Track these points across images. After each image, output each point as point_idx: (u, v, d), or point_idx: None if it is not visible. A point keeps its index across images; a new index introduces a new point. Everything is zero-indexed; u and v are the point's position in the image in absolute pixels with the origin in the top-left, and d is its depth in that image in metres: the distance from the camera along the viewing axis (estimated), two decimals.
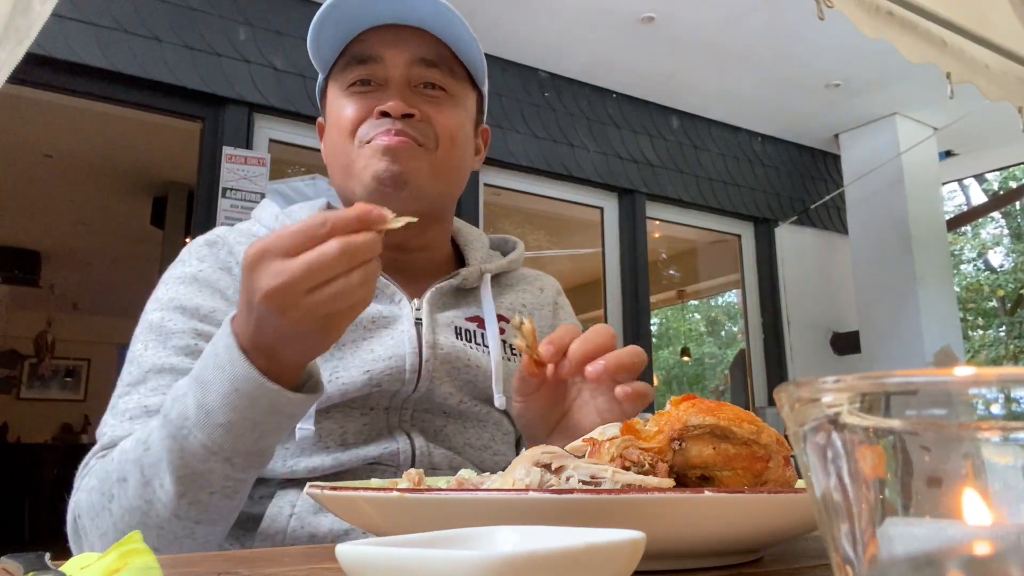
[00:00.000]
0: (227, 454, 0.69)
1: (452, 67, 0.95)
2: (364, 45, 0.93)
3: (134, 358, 0.87)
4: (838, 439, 0.23)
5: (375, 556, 0.32)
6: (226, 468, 0.70)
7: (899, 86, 4.39)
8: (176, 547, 0.73)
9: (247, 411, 0.67)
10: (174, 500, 0.70)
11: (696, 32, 3.85)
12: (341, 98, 0.94)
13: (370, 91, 0.92)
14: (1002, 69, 2.69)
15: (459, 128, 0.94)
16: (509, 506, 0.42)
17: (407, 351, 0.89)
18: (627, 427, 0.53)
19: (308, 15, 0.99)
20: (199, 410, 0.68)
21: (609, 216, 4.41)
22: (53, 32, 2.82)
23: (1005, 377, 0.20)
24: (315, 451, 0.86)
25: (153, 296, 0.93)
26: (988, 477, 0.21)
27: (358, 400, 0.87)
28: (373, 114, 0.89)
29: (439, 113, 0.92)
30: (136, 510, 0.72)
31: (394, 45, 0.92)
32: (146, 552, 0.37)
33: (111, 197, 5.64)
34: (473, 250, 1.06)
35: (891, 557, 0.22)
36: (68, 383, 8.96)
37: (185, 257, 0.97)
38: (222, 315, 0.87)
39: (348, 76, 0.93)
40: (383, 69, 0.92)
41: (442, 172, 0.92)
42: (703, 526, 0.43)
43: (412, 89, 0.92)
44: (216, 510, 0.72)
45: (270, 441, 0.71)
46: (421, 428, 0.91)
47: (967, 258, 12.79)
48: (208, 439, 0.68)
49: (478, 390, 0.95)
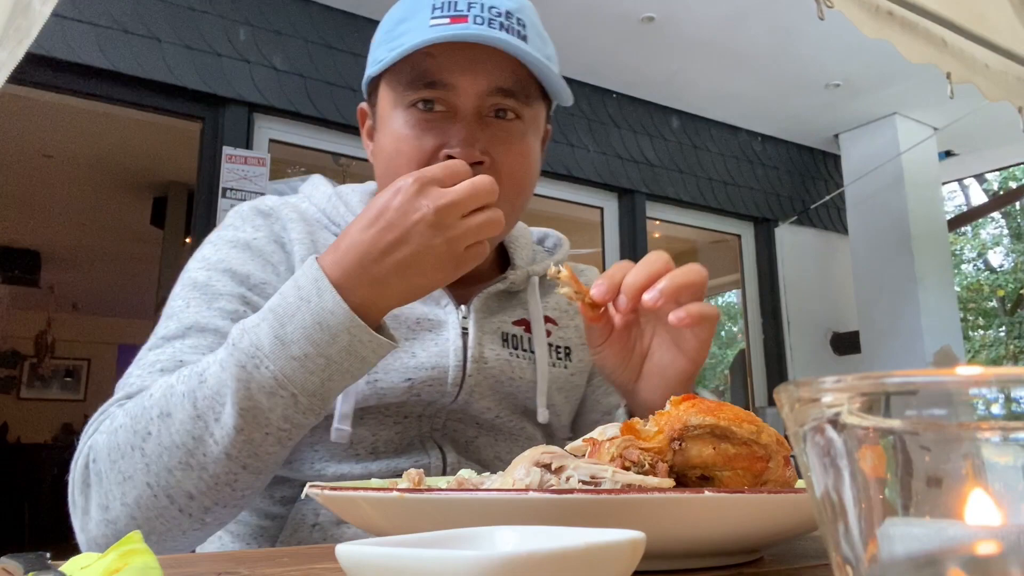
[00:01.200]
0: (295, 389, 0.68)
1: (528, 90, 0.87)
2: (435, 64, 0.83)
3: (173, 313, 0.82)
4: (838, 439, 0.23)
5: (375, 556, 0.32)
6: (288, 407, 0.68)
7: (899, 86, 4.39)
8: (211, 498, 0.70)
9: (325, 346, 0.67)
10: (231, 435, 0.68)
11: (696, 32, 3.85)
12: (401, 120, 0.85)
13: (435, 118, 0.84)
14: (1002, 69, 2.69)
15: (528, 168, 0.89)
16: (509, 506, 0.42)
17: (451, 363, 0.86)
18: (627, 427, 0.53)
19: (308, 15, 0.97)
20: (275, 341, 0.67)
21: (609, 216, 4.41)
22: (53, 32, 2.82)
23: (1005, 377, 0.20)
24: (344, 458, 0.84)
25: (198, 255, 0.88)
26: (988, 477, 0.21)
27: (393, 407, 0.85)
28: (439, 156, 0.82)
29: (508, 154, 0.85)
30: (179, 448, 0.69)
31: (469, 71, 0.83)
32: (146, 552, 0.37)
33: (111, 197, 5.64)
34: (519, 248, 1.02)
35: (891, 557, 0.22)
36: (68, 383, 8.96)
37: (236, 222, 0.91)
38: (272, 289, 0.83)
39: (412, 95, 0.84)
40: (453, 96, 0.83)
41: (507, 221, 0.86)
42: (703, 526, 0.43)
43: (483, 121, 0.84)
44: (265, 456, 0.70)
45: (335, 385, 0.70)
46: (452, 439, 0.89)
47: (967, 258, 12.79)
48: (280, 371, 0.67)
49: (519, 404, 0.92)
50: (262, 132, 3.40)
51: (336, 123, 3.51)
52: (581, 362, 1.00)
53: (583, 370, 1.01)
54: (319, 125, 3.51)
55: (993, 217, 12.07)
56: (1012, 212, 12.12)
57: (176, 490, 0.69)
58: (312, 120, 3.48)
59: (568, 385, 0.98)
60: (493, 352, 0.90)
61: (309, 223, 0.91)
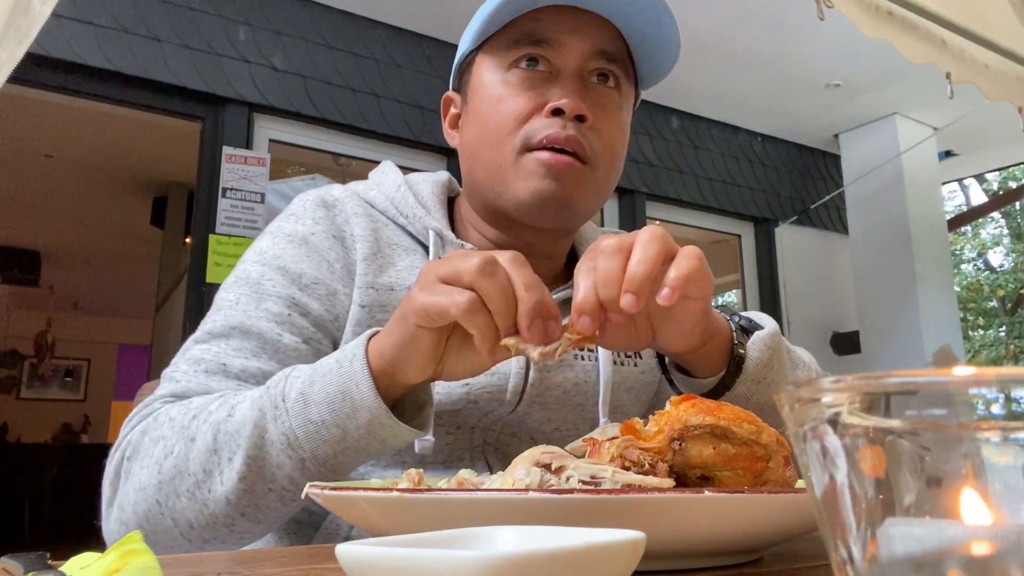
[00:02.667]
0: (304, 454, 0.66)
1: (627, 63, 0.86)
2: (539, 25, 0.82)
3: (222, 307, 0.81)
4: (838, 439, 0.23)
5: (375, 556, 0.32)
6: (295, 470, 0.66)
7: (899, 86, 4.39)
8: (209, 533, 0.69)
9: (344, 419, 0.65)
10: (234, 480, 0.66)
11: (696, 32, 3.85)
12: (500, 79, 0.83)
13: (537, 77, 0.82)
14: (1002, 69, 2.69)
15: (622, 139, 0.87)
16: (509, 506, 0.42)
17: (512, 370, 0.83)
18: (627, 427, 0.53)
19: (308, 15, 0.97)
20: (299, 398, 0.66)
21: (609, 216, 4.41)
22: (53, 32, 2.82)
23: (1005, 377, 0.20)
24: (391, 464, 0.82)
25: (256, 246, 0.86)
26: (988, 477, 0.21)
27: (447, 415, 0.82)
28: (543, 111, 0.80)
29: (607, 120, 0.84)
30: (191, 476, 0.68)
31: (575, 31, 0.82)
32: (146, 552, 0.37)
33: (111, 197, 5.64)
34: None
35: (891, 557, 0.22)
36: (68, 383, 8.96)
37: (299, 212, 0.88)
38: (323, 289, 0.82)
39: (515, 54, 0.82)
40: (559, 56, 0.82)
41: (601, 191, 0.86)
42: (703, 526, 0.43)
43: (586, 83, 0.83)
44: (266, 509, 0.69)
45: (349, 460, 0.67)
46: (504, 453, 0.85)
47: (967, 258, 12.79)
48: (295, 430, 0.65)
49: (579, 414, 0.88)
50: (262, 132, 3.40)
51: (336, 123, 3.51)
52: (653, 358, 0.95)
53: (656, 367, 0.95)
54: (319, 125, 3.51)
55: (993, 217, 12.08)
56: (1012, 212, 12.12)
57: (179, 516, 0.69)
58: (312, 120, 3.48)
59: (639, 384, 0.93)
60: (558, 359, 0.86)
61: (374, 217, 0.88)
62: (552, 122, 0.80)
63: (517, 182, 0.81)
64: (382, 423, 0.65)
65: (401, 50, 3.70)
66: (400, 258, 0.86)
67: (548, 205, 0.81)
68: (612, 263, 0.61)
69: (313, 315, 0.81)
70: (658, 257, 0.61)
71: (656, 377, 0.97)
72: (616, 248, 0.62)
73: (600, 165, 0.83)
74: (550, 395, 0.85)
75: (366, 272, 0.83)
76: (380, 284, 0.83)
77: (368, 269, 0.83)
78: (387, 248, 0.86)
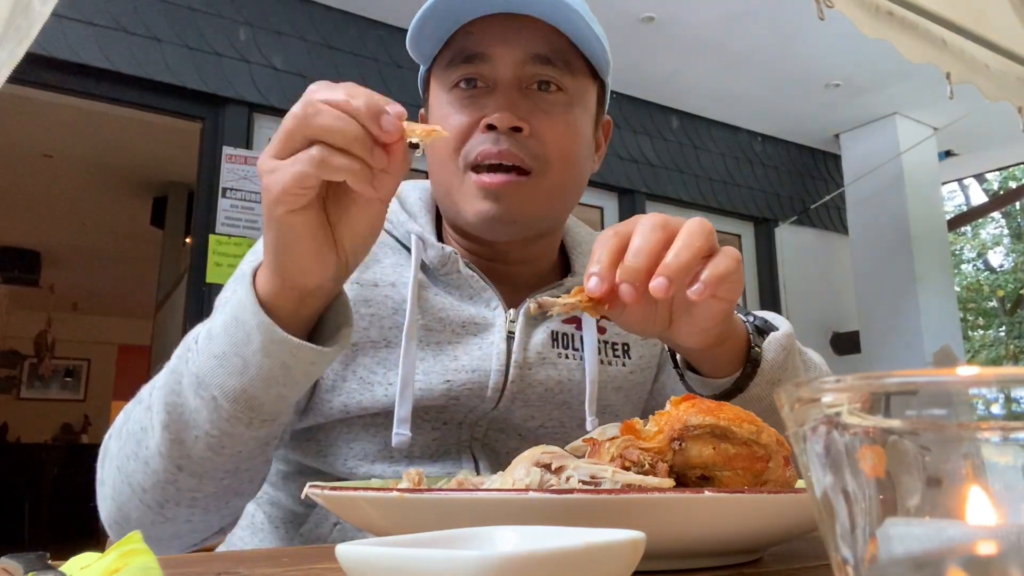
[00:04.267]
0: (214, 391, 0.63)
1: (570, 61, 0.83)
2: (470, 39, 0.81)
3: (219, 305, 0.81)
4: (838, 439, 0.23)
5: (375, 556, 0.32)
6: (212, 411, 0.64)
7: (899, 86, 4.39)
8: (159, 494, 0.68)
9: (240, 346, 0.62)
10: (159, 432, 0.66)
11: (696, 32, 3.85)
12: (444, 101, 0.84)
13: (476, 94, 0.82)
14: (1002, 69, 2.69)
15: (573, 140, 0.84)
16: (509, 506, 0.42)
17: (493, 367, 0.83)
18: (627, 427, 0.53)
19: (308, 15, 0.96)
20: (206, 336, 0.65)
21: (609, 216, 4.41)
22: (53, 32, 2.82)
23: (1005, 377, 0.20)
24: (378, 458, 0.82)
25: (257, 247, 0.85)
26: (988, 477, 0.21)
27: (434, 411, 0.82)
28: (479, 127, 0.80)
29: (551, 125, 0.81)
30: (133, 436, 0.68)
31: (503, 40, 0.81)
32: (146, 552, 0.37)
33: (111, 197, 5.64)
34: (581, 255, 0.96)
35: (891, 557, 0.22)
36: (68, 383, 8.96)
37: None
38: None
39: (452, 75, 0.83)
40: (491, 69, 0.81)
41: (553, 196, 0.84)
42: (703, 526, 0.43)
43: (523, 92, 0.82)
44: (200, 460, 0.66)
45: (259, 393, 0.63)
46: (492, 448, 0.86)
47: (967, 258, 12.79)
48: (201, 367, 0.63)
49: (564, 412, 0.87)
50: (262, 132, 3.40)
51: None
52: (643, 359, 0.94)
53: (646, 367, 0.95)
54: None
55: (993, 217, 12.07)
56: (1012, 212, 12.12)
57: (133, 479, 0.69)
58: None
59: (627, 384, 0.93)
60: (539, 357, 0.86)
61: None
62: (486, 138, 0.79)
63: (464, 203, 0.82)
64: (274, 341, 0.60)
65: (401, 50, 3.68)
66: (385, 256, 0.87)
67: (495, 224, 0.81)
68: (652, 237, 0.59)
69: None
70: (701, 251, 0.60)
71: (648, 378, 0.96)
72: (660, 225, 0.60)
73: (549, 171, 0.81)
74: (532, 392, 0.85)
75: None
76: (364, 280, 0.83)
77: None
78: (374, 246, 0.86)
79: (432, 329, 0.83)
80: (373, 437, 0.82)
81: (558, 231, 0.94)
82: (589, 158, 0.89)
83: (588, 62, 0.85)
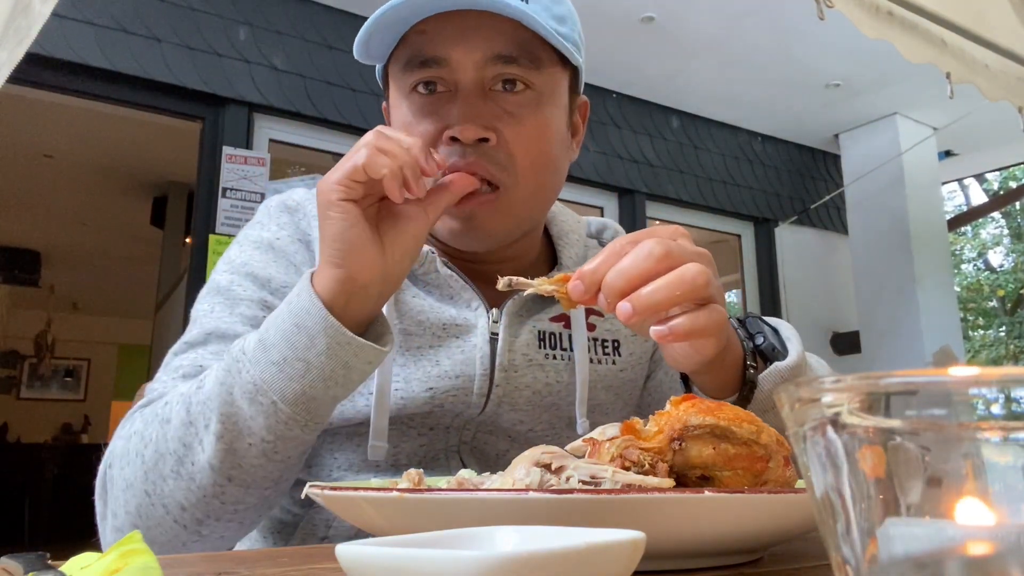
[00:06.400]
0: (274, 396, 0.64)
1: (535, 55, 0.77)
2: (424, 40, 0.76)
3: (198, 318, 0.81)
4: (838, 439, 0.23)
5: (375, 556, 0.32)
6: (270, 416, 0.65)
7: (899, 86, 4.39)
8: (202, 510, 0.68)
9: (303, 350, 0.64)
10: (213, 444, 0.66)
11: (696, 32, 3.85)
12: (405, 106, 0.79)
13: (437, 100, 0.77)
14: (1002, 69, 2.69)
15: (545, 142, 0.80)
16: (509, 506, 0.42)
17: (477, 372, 0.80)
18: (627, 427, 0.53)
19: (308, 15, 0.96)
20: (258, 345, 0.65)
21: (609, 216, 4.41)
22: (53, 32, 2.82)
23: (1005, 377, 0.20)
24: (364, 468, 0.80)
25: (225, 256, 0.86)
26: (988, 477, 0.21)
27: (418, 418, 0.80)
28: (443, 139, 0.75)
29: (520, 130, 0.77)
30: (172, 455, 0.67)
31: (462, 40, 0.75)
32: (146, 552, 0.37)
33: (111, 197, 5.64)
34: (567, 246, 0.92)
35: (891, 557, 0.22)
36: (68, 383, 8.96)
37: (264, 219, 0.87)
38: None
39: (410, 77, 0.78)
40: (451, 73, 0.76)
41: (527, 206, 0.80)
42: (703, 526, 0.43)
43: (487, 95, 0.77)
44: (251, 468, 0.67)
45: (319, 394, 0.65)
46: (481, 451, 0.83)
47: (967, 258, 12.79)
48: (259, 376, 0.64)
49: (560, 414, 0.85)
50: (262, 132, 3.40)
51: (336, 123, 3.51)
52: (633, 355, 0.91)
53: (637, 363, 0.92)
54: (319, 125, 3.51)
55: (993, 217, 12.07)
56: (1012, 212, 12.12)
57: (169, 500, 0.68)
58: (312, 120, 3.48)
59: (618, 382, 0.90)
60: (525, 359, 0.83)
61: None
62: (452, 151, 0.75)
63: None
64: (339, 343, 0.64)
65: None
66: None
67: (468, 242, 0.80)
68: (643, 264, 0.58)
69: None
70: (682, 298, 0.58)
71: (640, 375, 0.94)
72: (660, 255, 0.58)
73: (520, 179, 0.77)
74: (519, 396, 0.82)
75: None
76: None
77: None
78: None
79: (411, 333, 0.81)
80: (357, 447, 0.80)
81: (538, 227, 0.91)
82: (565, 153, 0.85)
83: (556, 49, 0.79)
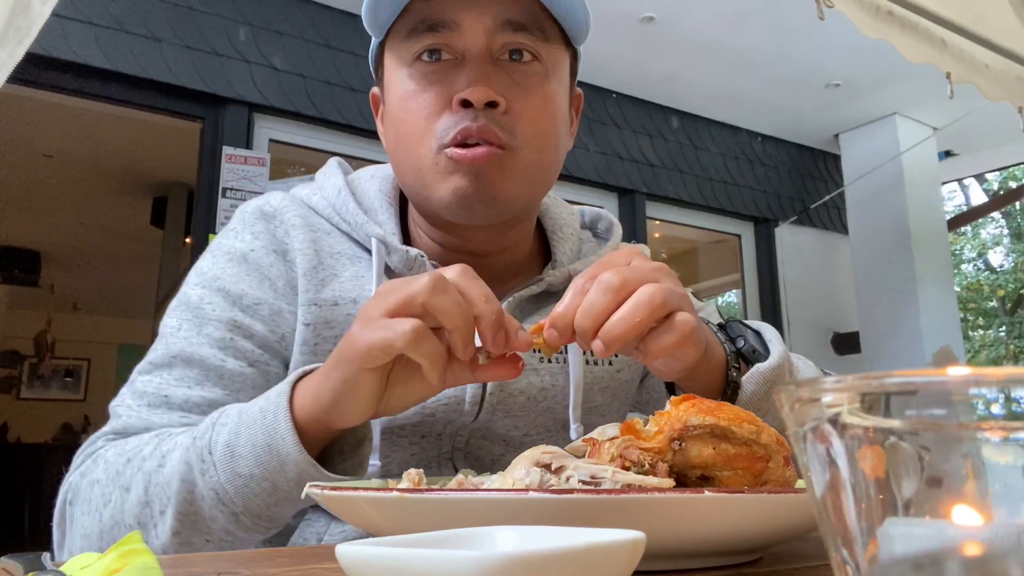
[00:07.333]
0: (236, 508, 0.64)
1: (544, 26, 0.76)
2: (433, 5, 0.74)
3: (165, 334, 0.78)
4: (838, 439, 0.23)
5: (375, 556, 0.32)
6: (230, 523, 0.65)
7: (899, 86, 4.39)
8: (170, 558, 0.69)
9: (272, 473, 0.62)
10: (168, 535, 0.65)
11: (696, 32, 3.85)
12: (406, 76, 0.76)
13: (442, 67, 0.75)
14: (1002, 69, 2.69)
15: (551, 116, 0.78)
16: (509, 506, 0.42)
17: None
18: (627, 427, 0.53)
19: (308, 15, 0.95)
20: (226, 450, 0.63)
21: None
22: (53, 32, 2.82)
23: (1005, 377, 0.20)
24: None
25: (198, 266, 0.82)
26: (988, 477, 0.21)
27: (407, 428, 0.78)
28: (452, 105, 0.73)
29: (526, 100, 0.75)
30: (127, 528, 0.66)
31: (472, 4, 0.73)
32: (146, 552, 0.37)
33: (111, 197, 5.64)
34: (561, 240, 0.90)
35: (891, 557, 0.22)
36: (68, 383, 8.95)
37: (238, 227, 0.83)
38: (266, 309, 0.78)
39: (414, 45, 0.75)
40: (460, 38, 0.74)
41: (530, 175, 0.77)
42: (703, 526, 0.43)
43: (496, 63, 0.75)
44: (211, 549, 0.67)
45: (284, 511, 0.66)
46: (476, 457, 0.82)
47: (967, 258, 12.79)
48: (224, 483, 0.63)
49: (549, 418, 0.83)
50: (262, 132, 3.40)
51: (336, 123, 3.51)
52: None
53: (633, 364, 0.90)
54: (319, 125, 3.51)
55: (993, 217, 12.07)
56: (1012, 212, 12.12)
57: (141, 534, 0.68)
58: (312, 120, 3.48)
59: (614, 383, 0.88)
60: None
61: (315, 226, 0.83)
62: (462, 115, 0.73)
63: (438, 183, 0.75)
64: (311, 475, 0.62)
65: None
66: (344, 268, 0.81)
67: (472, 202, 0.75)
68: (602, 300, 0.58)
69: (258, 337, 0.77)
70: (643, 323, 0.57)
71: (636, 374, 0.92)
72: (615, 287, 0.58)
73: (524, 148, 0.75)
74: (514, 402, 0.81)
75: (307, 288, 0.78)
76: (323, 300, 0.78)
77: (309, 285, 0.78)
78: (329, 259, 0.81)
79: None
80: None
81: (533, 214, 0.88)
82: (565, 134, 0.83)
83: (560, 27, 0.79)
